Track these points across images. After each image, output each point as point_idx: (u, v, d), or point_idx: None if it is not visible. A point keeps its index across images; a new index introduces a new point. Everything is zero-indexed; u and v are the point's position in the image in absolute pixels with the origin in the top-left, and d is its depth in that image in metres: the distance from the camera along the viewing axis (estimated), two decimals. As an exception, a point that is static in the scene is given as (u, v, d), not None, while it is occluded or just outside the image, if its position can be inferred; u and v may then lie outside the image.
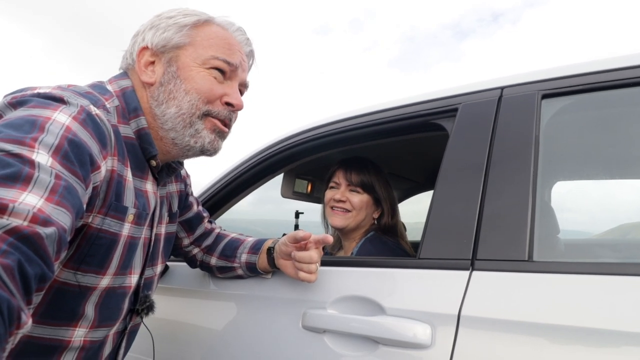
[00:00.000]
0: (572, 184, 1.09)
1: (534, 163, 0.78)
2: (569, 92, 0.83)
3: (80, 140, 0.57)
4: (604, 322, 0.60)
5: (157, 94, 0.77)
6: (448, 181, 0.86)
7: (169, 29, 0.77)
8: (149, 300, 0.84)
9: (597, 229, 1.53)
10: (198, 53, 0.77)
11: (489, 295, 0.70)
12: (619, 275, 0.63)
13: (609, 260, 0.73)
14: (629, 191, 1.17)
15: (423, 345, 0.72)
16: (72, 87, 0.68)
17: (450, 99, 0.96)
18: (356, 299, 0.84)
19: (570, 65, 0.85)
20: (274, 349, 0.90)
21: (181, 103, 0.76)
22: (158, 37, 0.77)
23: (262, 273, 0.99)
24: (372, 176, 1.30)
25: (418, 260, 0.82)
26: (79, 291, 0.69)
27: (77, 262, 0.67)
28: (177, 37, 0.77)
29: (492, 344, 0.67)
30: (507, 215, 0.76)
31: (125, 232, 0.72)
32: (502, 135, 0.84)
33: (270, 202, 2.22)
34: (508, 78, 0.91)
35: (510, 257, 0.73)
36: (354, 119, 1.11)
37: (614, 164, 1.03)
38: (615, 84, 0.78)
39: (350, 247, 1.30)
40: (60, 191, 0.50)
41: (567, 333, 0.62)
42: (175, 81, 0.76)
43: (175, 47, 0.77)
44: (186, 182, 1.01)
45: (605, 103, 0.85)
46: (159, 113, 0.77)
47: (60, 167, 0.52)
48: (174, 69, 0.76)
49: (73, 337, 0.70)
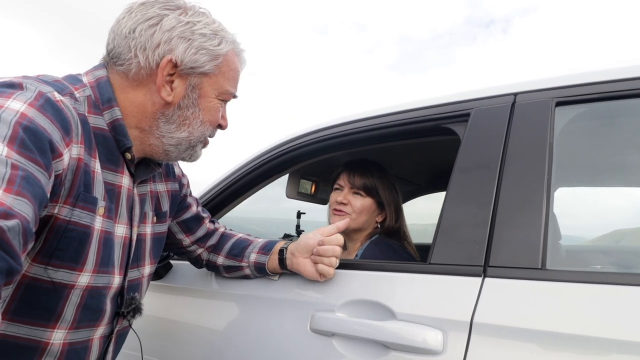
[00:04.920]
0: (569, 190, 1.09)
1: (547, 170, 0.78)
2: (583, 100, 0.83)
3: (37, 127, 0.55)
4: (617, 332, 0.60)
5: (172, 114, 0.76)
6: (460, 186, 0.86)
7: (202, 53, 0.74)
8: (135, 302, 0.81)
9: (591, 235, 1.53)
10: (219, 85, 0.78)
11: (502, 303, 0.70)
12: (633, 286, 0.63)
13: (624, 271, 0.73)
14: (625, 198, 1.18)
15: (434, 352, 0.72)
16: (41, 76, 0.66)
17: (462, 103, 0.96)
18: (366, 303, 0.84)
19: (585, 73, 0.85)
20: (281, 351, 0.89)
21: (194, 131, 0.78)
22: (190, 57, 0.73)
23: (270, 274, 0.99)
24: (376, 180, 1.29)
25: (429, 265, 0.82)
26: (54, 288, 0.66)
27: (47, 257, 0.64)
28: (209, 65, 0.75)
29: (505, 351, 0.66)
30: (520, 222, 0.76)
31: (97, 226, 0.69)
32: (515, 141, 0.83)
33: (267, 200, 2.21)
34: (521, 84, 0.91)
35: (523, 265, 0.72)
36: (363, 120, 1.11)
37: (625, 171, 1.03)
38: (628, 93, 0.79)
39: (354, 249, 1.30)
40: (19, 181, 0.48)
41: (580, 342, 0.62)
42: (194, 109, 0.77)
43: (201, 74, 0.75)
44: (181, 182, 0.98)
45: (619, 112, 0.85)
46: (165, 130, 0.76)
47: (18, 156, 0.50)
48: (195, 96, 0.76)
49: (52, 339, 0.68)
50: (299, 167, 1.35)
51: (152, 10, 0.72)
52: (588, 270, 0.73)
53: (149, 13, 0.72)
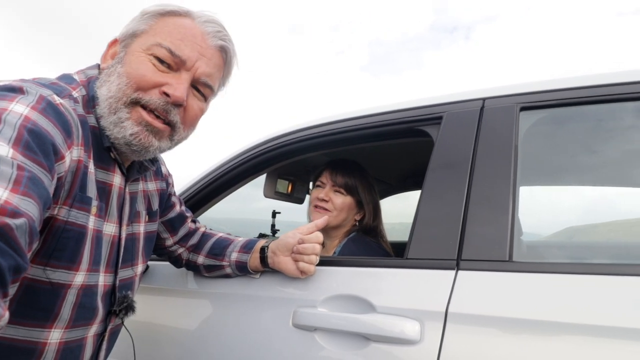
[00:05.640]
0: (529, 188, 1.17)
1: (513, 170, 0.84)
2: (545, 105, 0.90)
3: (41, 130, 0.56)
4: (575, 315, 0.67)
5: (101, 78, 0.73)
6: (434, 185, 0.91)
7: (135, 19, 0.76)
8: (128, 300, 0.82)
9: (545, 232, 1.64)
10: (147, 39, 0.72)
11: (474, 293, 0.76)
12: (594, 275, 0.70)
13: (585, 261, 0.81)
14: (578, 197, 1.28)
15: (412, 341, 0.76)
16: (37, 79, 0.66)
17: (435, 107, 1.01)
18: (346, 298, 0.87)
19: (546, 81, 0.93)
20: (265, 347, 0.91)
21: (111, 86, 0.70)
22: (126, 27, 0.76)
23: (252, 272, 1.00)
24: (357, 179, 1.34)
25: (406, 260, 0.86)
26: (52, 289, 0.66)
27: (45, 257, 0.65)
28: (137, 25, 0.75)
29: (478, 338, 0.72)
30: (490, 217, 0.82)
31: (91, 225, 0.70)
32: (484, 143, 0.90)
33: (238, 200, 2.20)
34: (489, 90, 0.97)
35: (493, 258, 0.78)
36: (340, 122, 1.14)
37: (579, 172, 1.12)
38: (584, 100, 0.87)
39: (332, 246, 1.33)
40: (25, 182, 0.49)
41: (547, 328, 0.68)
42: (116, 66, 0.72)
43: (132, 35, 0.74)
44: (168, 181, 0.99)
45: (575, 117, 0.93)
46: (98, 94, 0.71)
47: (23, 158, 0.51)
48: (122, 55, 0.73)
49: (49, 339, 0.68)
50: (277, 167, 1.37)
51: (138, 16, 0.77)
52: (549, 262, 0.79)
53: None
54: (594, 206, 1.30)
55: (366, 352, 0.80)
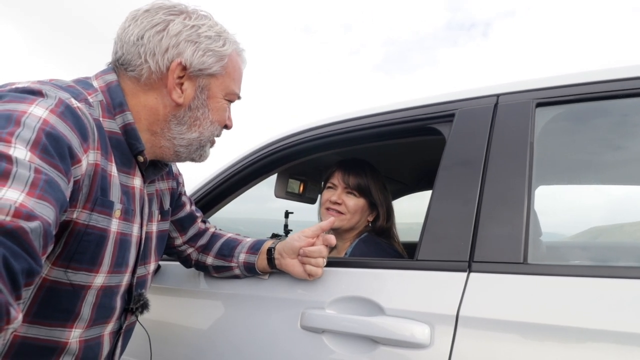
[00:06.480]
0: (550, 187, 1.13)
1: (529, 168, 0.81)
2: (562, 101, 0.86)
3: (59, 133, 0.57)
4: (596, 322, 0.63)
5: (182, 115, 0.78)
6: (445, 184, 0.88)
7: (209, 55, 0.76)
8: (143, 299, 0.84)
9: (569, 232, 1.58)
10: (226, 85, 0.81)
11: (487, 297, 0.73)
12: (611, 278, 0.67)
13: (601, 264, 0.77)
14: (601, 196, 1.23)
15: (422, 345, 0.74)
16: (54, 81, 0.67)
17: (447, 104, 0.98)
18: (355, 299, 0.85)
19: (563, 76, 0.89)
20: (273, 348, 0.90)
21: (204, 131, 0.81)
22: (197, 59, 0.75)
23: (260, 273, 0.99)
24: (369, 180, 1.30)
25: (416, 261, 0.84)
26: (72, 290, 0.68)
27: (67, 260, 0.67)
28: (216, 66, 0.78)
29: (490, 343, 0.69)
30: (504, 218, 0.79)
31: (114, 228, 0.72)
32: (498, 141, 0.86)
33: (253, 201, 2.21)
34: (503, 86, 0.94)
35: (506, 260, 0.75)
36: (352, 120, 1.12)
37: (601, 170, 1.08)
38: (604, 95, 0.82)
39: (343, 248, 1.31)
40: (42, 185, 0.49)
41: (561, 333, 0.65)
42: (204, 110, 0.80)
43: (209, 74, 0.78)
44: (178, 181, 1.00)
45: (595, 112, 0.89)
46: (176, 132, 0.79)
47: (40, 161, 0.52)
48: (204, 97, 0.79)
49: (70, 339, 0.70)
50: (288, 166, 1.36)
51: (158, 17, 0.74)
52: (567, 264, 0.76)
53: (154, 19, 0.74)
54: (619, 205, 1.25)
55: (375, 355, 0.78)
